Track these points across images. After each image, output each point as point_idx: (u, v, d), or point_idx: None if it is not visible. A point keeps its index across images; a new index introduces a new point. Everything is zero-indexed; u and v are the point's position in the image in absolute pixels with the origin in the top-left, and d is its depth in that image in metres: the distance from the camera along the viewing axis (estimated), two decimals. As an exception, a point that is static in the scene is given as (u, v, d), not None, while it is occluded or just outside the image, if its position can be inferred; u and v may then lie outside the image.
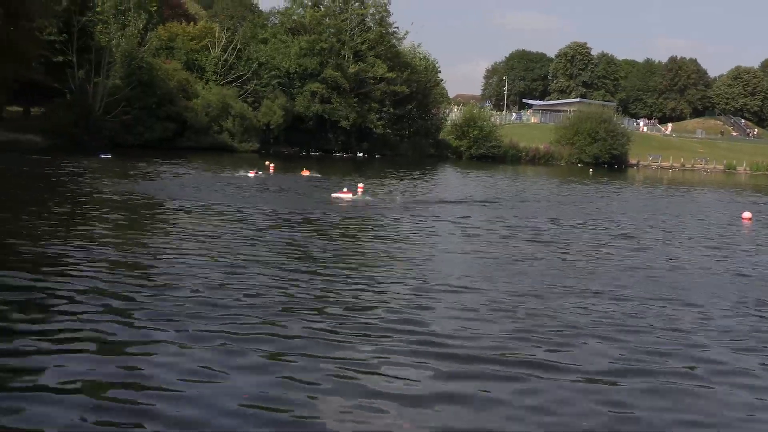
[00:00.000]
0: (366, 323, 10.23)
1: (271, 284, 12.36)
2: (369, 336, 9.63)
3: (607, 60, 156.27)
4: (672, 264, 17.20)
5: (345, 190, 30.02)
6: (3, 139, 52.12)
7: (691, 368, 9.06)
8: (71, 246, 14.77)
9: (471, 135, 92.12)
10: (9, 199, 23.74)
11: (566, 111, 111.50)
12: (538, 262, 16.28)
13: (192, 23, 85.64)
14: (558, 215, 27.69)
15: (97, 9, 65.82)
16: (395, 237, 19.30)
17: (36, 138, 55.18)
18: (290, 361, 8.44)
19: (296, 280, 12.77)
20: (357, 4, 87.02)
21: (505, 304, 11.79)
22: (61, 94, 64.49)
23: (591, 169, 76.78)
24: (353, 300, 11.61)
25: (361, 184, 33.81)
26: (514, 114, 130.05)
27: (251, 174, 39.30)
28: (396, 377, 8.14)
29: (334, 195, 29.31)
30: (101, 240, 15.88)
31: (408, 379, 8.09)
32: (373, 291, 12.34)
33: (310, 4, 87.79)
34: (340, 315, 10.59)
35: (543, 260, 16.63)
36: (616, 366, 8.96)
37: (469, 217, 25.21)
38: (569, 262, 16.73)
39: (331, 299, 11.58)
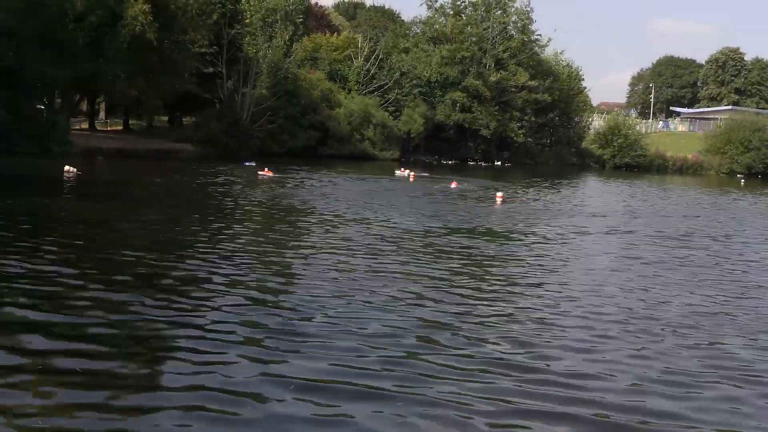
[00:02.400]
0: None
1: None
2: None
3: (762, 65, 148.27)
4: None
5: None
6: (159, 148, 54.79)
7: None
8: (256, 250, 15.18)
9: (615, 144, 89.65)
10: (183, 203, 24.74)
11: (717, 119, 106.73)
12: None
13: (335, 34, 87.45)
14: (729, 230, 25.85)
15: (246, 21, 68.15)
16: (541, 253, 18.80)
17: (189, 147, 57.62)
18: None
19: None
20: (499, 12, 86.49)
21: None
22: (211, 104, 67.17)
23: (743, 180, 73.04)
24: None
25: (500, 193, 33.40)
26: (660, 122, 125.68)
27: (402, 172, 45.58)
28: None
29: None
30: (278, 246, 16.27)
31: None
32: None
33: (451, 13, 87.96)
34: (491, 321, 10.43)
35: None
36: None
37: (631, 233, 23.44)
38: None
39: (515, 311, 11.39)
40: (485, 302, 11.57)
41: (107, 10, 48.64)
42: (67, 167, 32.44)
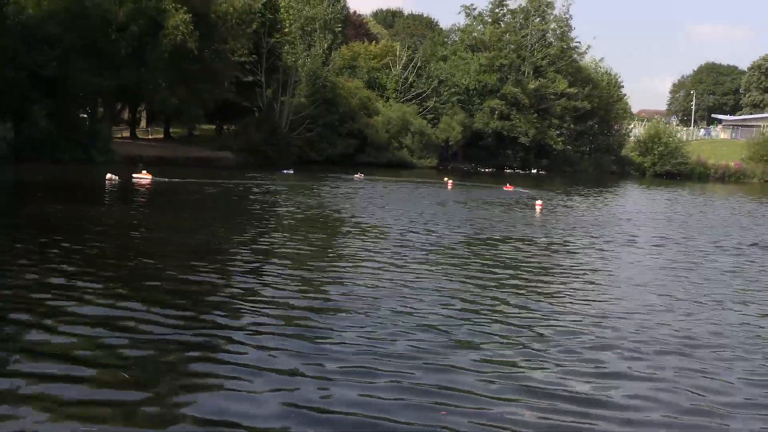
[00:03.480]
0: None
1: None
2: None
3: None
4: None
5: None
6: (199, 156, 55.30)
7: None
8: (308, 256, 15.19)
9: (655, 151, 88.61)
10: (219, 211, 24.94)
11: (760, 126, 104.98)
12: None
13: (374, 42, 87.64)
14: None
15: (285, 30, 68.58)
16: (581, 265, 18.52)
17: (229, 155, 58.06)
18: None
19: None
20: (538, 19, 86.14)
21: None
22: (250, 112, 67.67)
23: (787, 188, 71.83)
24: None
25: (539, 201, 33.14)
26: (702, 130, 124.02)
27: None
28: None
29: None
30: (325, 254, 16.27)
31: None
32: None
33: (490, 20, 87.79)
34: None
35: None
36: None
37: (678, 243, 22.52)
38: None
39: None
40: (533, 319, 11.03)
41: (149, 20, 49.27)
42: (108, 175, 32.90)
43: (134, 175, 34.56)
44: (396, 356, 8.57)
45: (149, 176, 34.67)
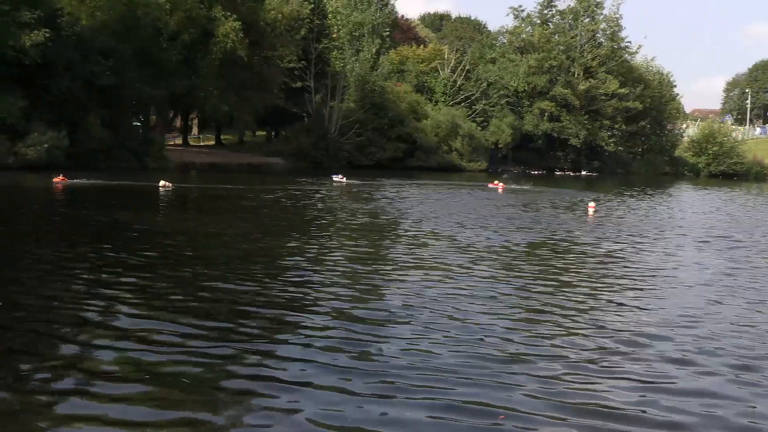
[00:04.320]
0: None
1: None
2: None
3: None
4: None
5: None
6: (250, 162, 55.80)
7: None
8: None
9: (710, 151, 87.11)
10: (269, 216, 25.05)
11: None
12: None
13: (422, 46, 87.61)
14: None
15: (333, 36, 68.97)
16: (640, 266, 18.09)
17: (279, 160, 58.54)
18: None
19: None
20: (587, 20, 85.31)
21: None
22: (299, 118, 68.17)
23: None
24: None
25: (592, 203, 32.68)
26: (758, 128, 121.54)
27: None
28: None
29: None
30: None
31: None
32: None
33: (538, 22, 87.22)
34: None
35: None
36: None
37: (743, 248, 21.18)
38: None
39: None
40: (591, 328, 10.51)
41: (199, 29, 49.98)
42: (162, 182, 33.35)
43: (55, 180, 33.52)
44: (444, 370, 8.22)
45: (62, 180, 33.85)
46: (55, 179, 33.55)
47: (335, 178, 44.35)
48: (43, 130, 40.05)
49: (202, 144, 72.57)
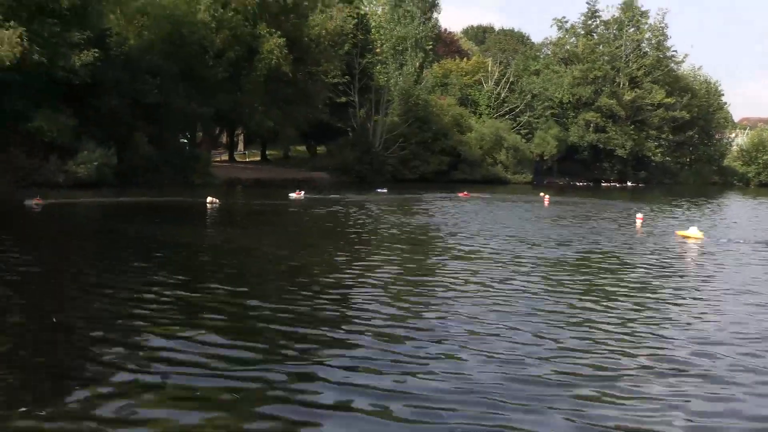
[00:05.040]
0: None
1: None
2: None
3: None
4: None
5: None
6: (295, 177, 56.17)
7: None
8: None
9: (760, 160, 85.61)
10: (315, 231, 25.17)
11: None
12: None
13: (465, 59, 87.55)
14: None
15: (377, 50, 69.24)
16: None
17: (324, 175, 58.86)
18: None
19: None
20: (632, 29, 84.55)
21: None
22: (343, 132, 68.53)
23: None
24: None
25: (640, 215, 32.25)
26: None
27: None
28: None
29: None
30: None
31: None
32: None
33: (582, 32, 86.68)
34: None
35: None
36: None
37: None
38: None
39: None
40: (642, 348, 10.15)
41: (244, 46, 50.53)
42: (209, 198, 33.70)
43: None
44: (487, 392, 8.04)
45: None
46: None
47: (293, 195, 43.17)
48: (92, 149, 40.72)
49: (247, 160, 73.33)
